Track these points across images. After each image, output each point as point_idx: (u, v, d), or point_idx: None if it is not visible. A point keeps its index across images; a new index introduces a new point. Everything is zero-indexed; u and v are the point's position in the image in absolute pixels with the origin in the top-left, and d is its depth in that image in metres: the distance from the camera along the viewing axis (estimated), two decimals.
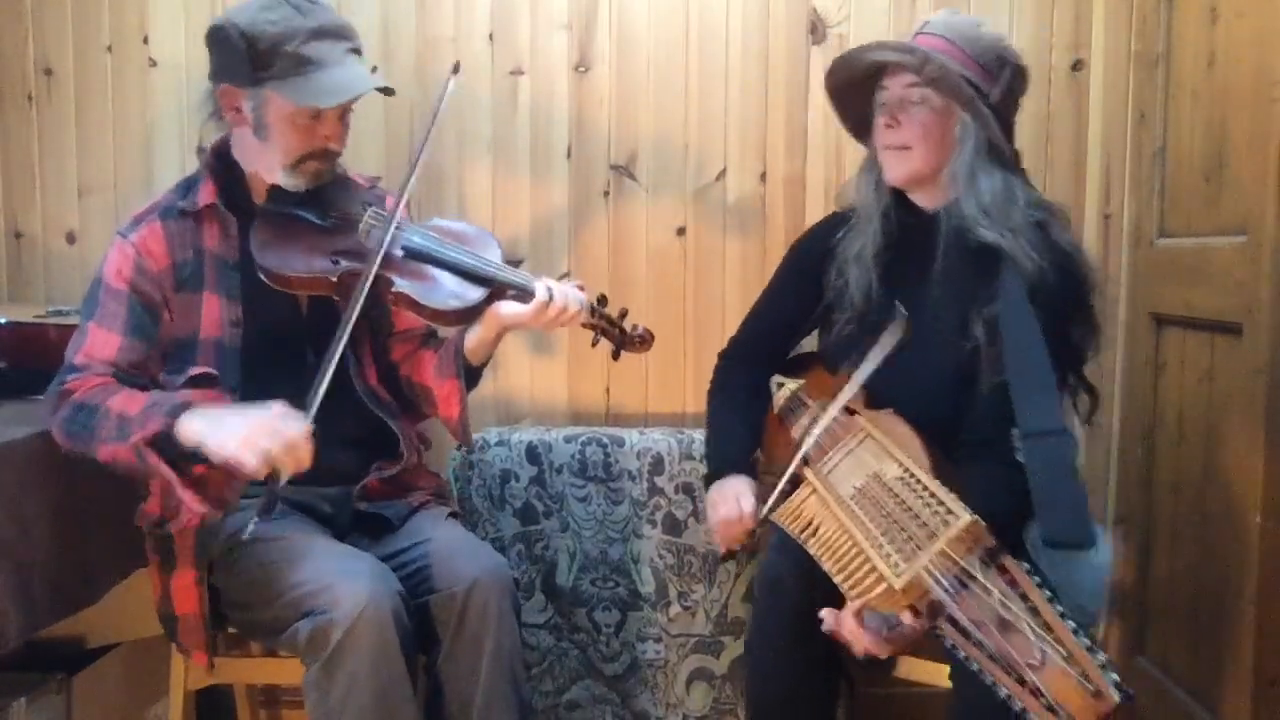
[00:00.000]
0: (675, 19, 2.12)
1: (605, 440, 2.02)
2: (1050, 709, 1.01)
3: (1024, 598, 1.08)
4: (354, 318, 1.47)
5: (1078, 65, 2.11)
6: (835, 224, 1.70)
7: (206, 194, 1.55)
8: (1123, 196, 2.11)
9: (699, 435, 2.02)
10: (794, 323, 1.76)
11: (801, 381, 1.73)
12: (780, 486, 1.52)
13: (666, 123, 2.14)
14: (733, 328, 1.85)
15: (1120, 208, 2.12)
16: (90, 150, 2.15)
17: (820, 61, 2.12)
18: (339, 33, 1.51)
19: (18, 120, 2.14)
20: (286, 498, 1.56)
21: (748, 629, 1.66)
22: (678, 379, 2.16)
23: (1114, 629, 2.15)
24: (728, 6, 2.12)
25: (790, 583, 1.49)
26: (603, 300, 1.62)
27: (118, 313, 1.51)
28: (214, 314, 1.55)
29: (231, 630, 1.61)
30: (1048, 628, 1.05)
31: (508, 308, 1.53)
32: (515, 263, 2.14)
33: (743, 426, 1.73)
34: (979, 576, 1.13)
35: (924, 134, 1.51)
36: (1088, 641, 1.02)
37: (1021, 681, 1.04)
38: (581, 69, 2.13)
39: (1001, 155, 1.49)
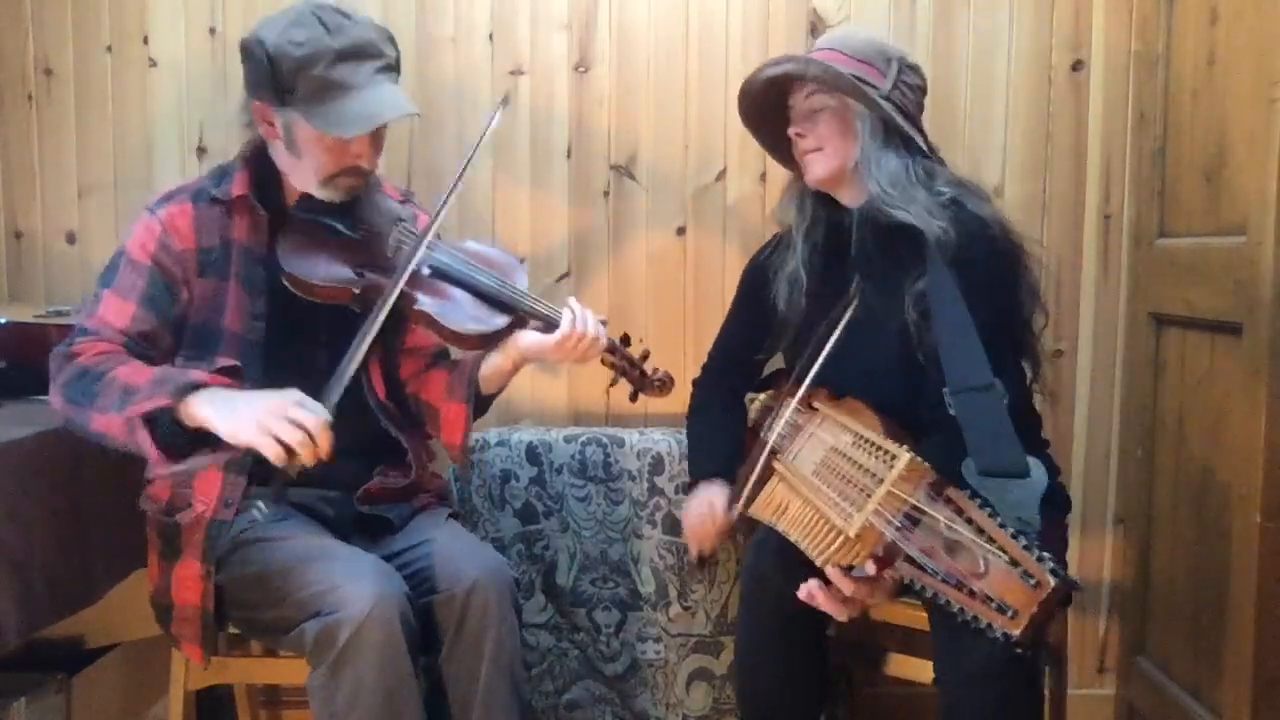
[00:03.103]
0: (675, 19, 2.12)
1: (605, 440, 2.02)
2: (999, 609, 1.05)
3: (969, 521, 1.12)
4: (376, 329, 1.44)
5: (1078, 65, 2.11)
6: (777, 244, 1.78)
7: (240, 185, 1.54)
8: (1123, 196, 2.11)
9: None
10: (752, 342, 1.82)
11: (771, 392, 1.79)
12: (751, 480, 1.56)
13: (666, 123, 2.14)
14: None
15: (1120, 208, 2.12)
16: (90, 150, 2.15)
17: None
18: (368, 51, 1.46)
19: (18, 120, 2.14)
20: (289, 500, 1.56)
21: (736, 631, 1.70)
22: (678, 379, 2.15)
23: (1114, 629, 2.15)
24: (728, 7, 2.12)
25: (773, 578, 1.53)
26: (625, 339, 1.60)
27: (135, 284, 1.49)
28: (238, 306, 1.53)
29: (233, 630, 1.61)
30: (990, 540, 1.09)
31: (528, 338, 1.53)
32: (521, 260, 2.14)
33: (720, 438, 1.78)
34: (926, 509, 1.17)
35: (830, 133, 1.60)
36: (1025, 541, 1.06)
37: (972, 593, 1.08)
38: (581, 69, 2.13)
39: (902, 139, 1.56)
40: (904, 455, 1.22)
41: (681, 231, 2.16)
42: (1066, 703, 1.75)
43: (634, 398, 1.63)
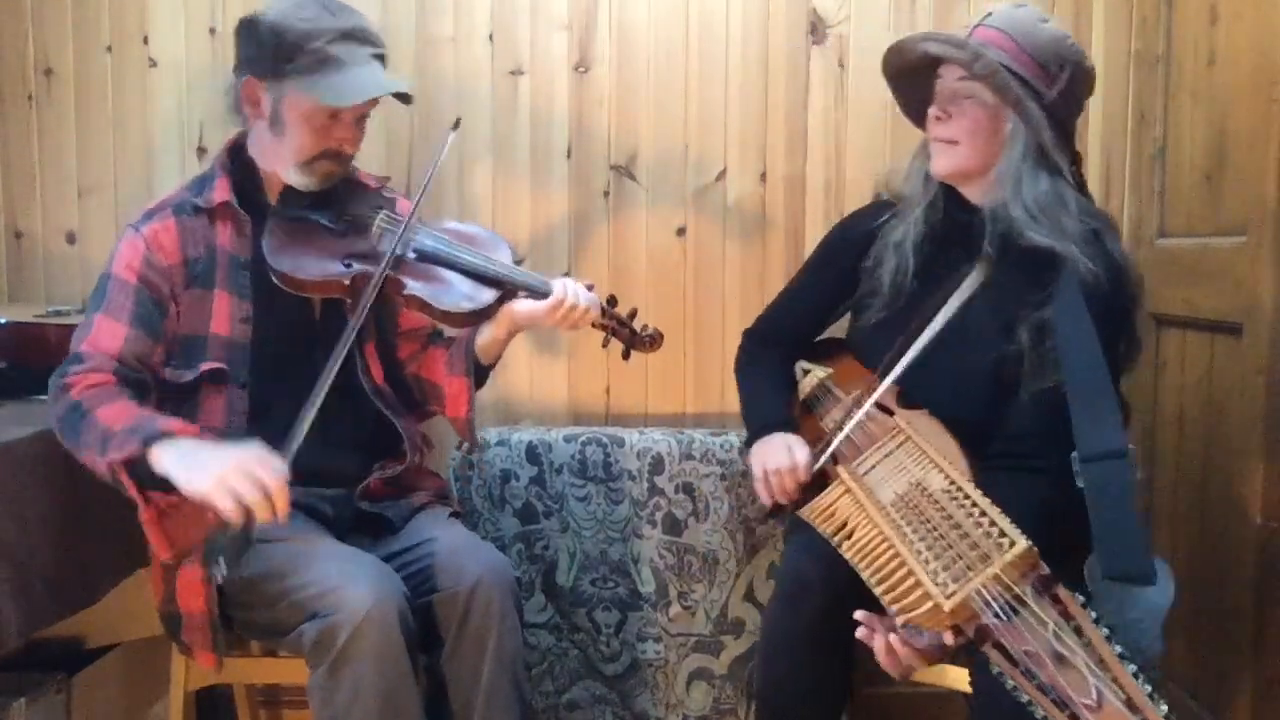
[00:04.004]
0: (675, 19, 2.12)
1: (605, 440, 2.02)
2: None
3: (1078, 631, 1.04)
4: (359, 323, 1.47)
5: None
6: (879, 210, 1.65)
7: (221, 191, 1.55)
8: (1123, 196, 2.11)
9: (699, 435, 2.02)
10: (826, 306, 1.72)
11: (830, 370, 1.68)
12: (825, 455, 1.46)
13: (666, 123, 2.14)
14: (733, 328, 1.85)
15: (1120, 208, 2.11)
16: (90, 150, 2.15)
17: (820, 61, 2.12)
18: (365, 37, 1.53)
19: (18, 120, 2.14)
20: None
21: (763, 629, 1.60)
22: (678, 379, 2.16)
23: None
24: (728, 6, 2.12)
25: (814, 586, 1.45)
26: (612, 301, 1.63)
27: (125, 305, 1.50)
28: (224, 311, 1.55)
29: (235, 630, 1.61)
30: (1104, 666, 1.00)
31: (520, 306, 1.55)
32: (518, 262, 2.14)
33: (780, 390, 1.69)
34: (1031, 604, 1.08)
35: (973, 129, 1.48)
36: (1149, 688, 0.97)
37: (1075, 718, 0.99)
38: (581, 69, 2.13)
39: (1051, 160, 1.44)
40: (1021, 542, 1.12)
41: (681, 232, 2.16)
42: None
43: (626, 355, 1.64)
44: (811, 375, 1.69)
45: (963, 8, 2.10)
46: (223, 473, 1.29)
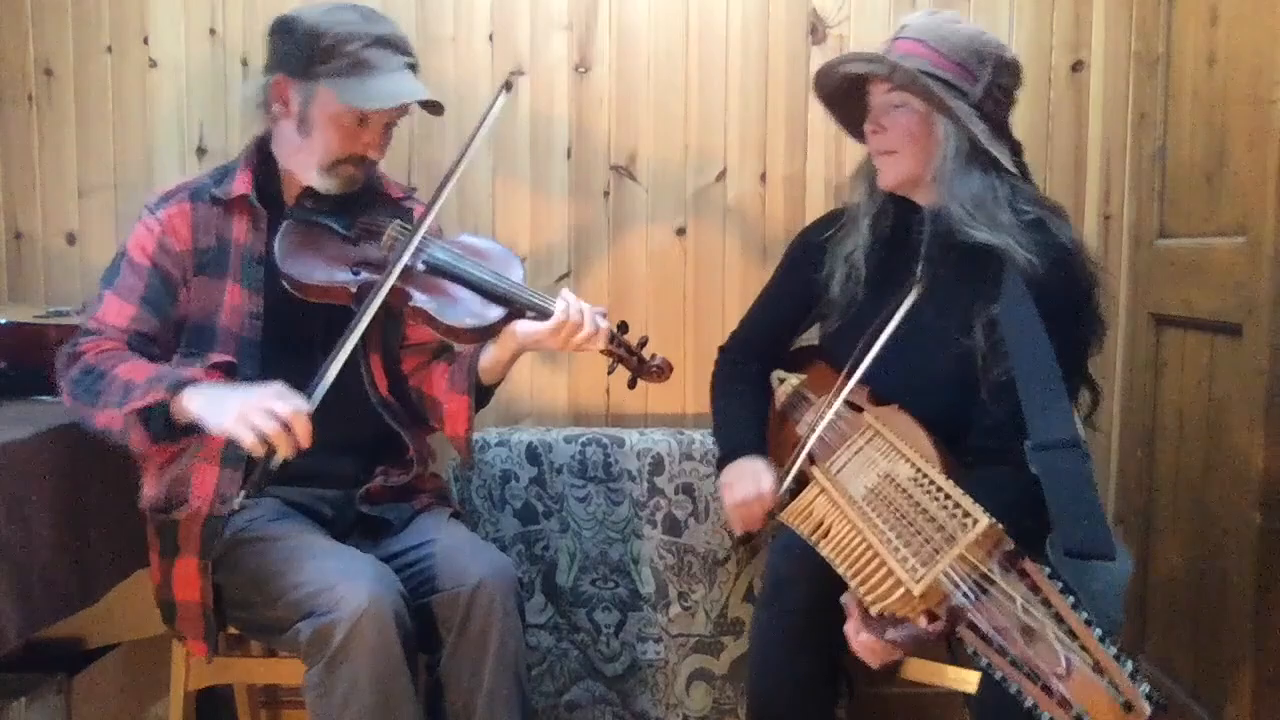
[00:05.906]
0: (675, 19, 2.12)
1: (605, 440, 2.02)
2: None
3: (1046, 603, 1.05)
4: (365, 323, 1.46)
5: (1078, 65, 2.11)
6: (833, 221, 1.69)
7: (241, 184, 1.57)
8: (1123, 196, 2.11)
9: (699, 435, 2.02)
10: (792, 318, 1.76)
11: (803, 377, 1.71)
12: (793, 470, 1.49)
13: (666, 123, 2.14)
14: (733, 327, 1.85)
15: (1120, 208, 2.12)
16: (90, 150, 2.15)
17: (820, 61, 2.10)
18: (399, 45, 1.55)
19: (18, 120, 2.14)
20: (287, 499, 1.56)
21: (751, 630, 1.63)
22: (678, 379, 2.15)
23: None
24: (728, 7, 2.12)
25: (797, 585, 1.49)
26: (623, 327, 1.60)
27: (136, 285, 1.53)
28: (235, 304, 1.55)
29: (232, 630, 1.61)
30: (1073, 634, 1.02)
31: (525, 326, 1.53)
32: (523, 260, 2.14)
33: (751, 412, 1.71)
34: (999, 581, 1.10)
35: (908, 137, 1.51)
36: (1114, 650, 0.99)
37: (1048, 690, 1.01)
38: (581, 69, 2.13)
39: (986, 155, 1.47)
40: (983, 520, 1.13)
41: (681, 232, 2.16)
42: None
43: (632, 384, 1.62)
44: (786, 384, 1.72)
45: (962, 8, 2.10)
46: (243, 408, 1.34)
